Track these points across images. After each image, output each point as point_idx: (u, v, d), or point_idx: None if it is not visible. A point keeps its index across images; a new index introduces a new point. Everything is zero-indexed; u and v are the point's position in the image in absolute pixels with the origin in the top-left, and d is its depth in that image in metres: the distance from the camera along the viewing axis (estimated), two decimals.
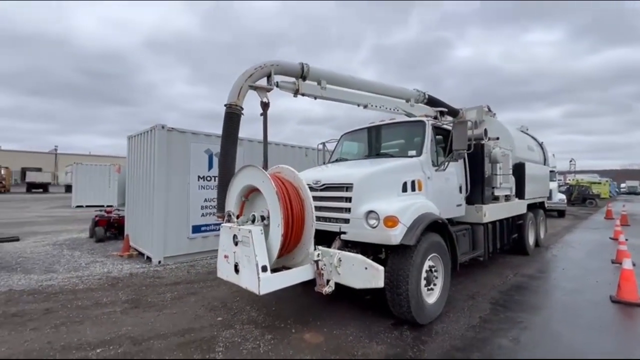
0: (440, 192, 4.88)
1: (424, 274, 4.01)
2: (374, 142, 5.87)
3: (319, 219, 4.37)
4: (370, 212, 3.88)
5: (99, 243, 8.93)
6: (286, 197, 3.56)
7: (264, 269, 3.33)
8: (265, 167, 4.70)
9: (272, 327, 3.94)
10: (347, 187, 4.15)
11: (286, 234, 3.48)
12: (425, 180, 4.65)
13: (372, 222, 3.86)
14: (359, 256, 3.64)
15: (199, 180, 7.41)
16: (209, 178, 7.56)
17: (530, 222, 8.13)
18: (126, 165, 8.91)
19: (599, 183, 36.78)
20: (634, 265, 6.57)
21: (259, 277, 3.26)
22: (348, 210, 4.10)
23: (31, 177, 39.05)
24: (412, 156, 4.85)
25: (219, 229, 3.88)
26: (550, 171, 17.86)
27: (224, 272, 3.81)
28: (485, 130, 6.00)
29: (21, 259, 7.15)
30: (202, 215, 7.46)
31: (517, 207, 7.32)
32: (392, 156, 5.16)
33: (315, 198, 4.41)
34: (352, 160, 5.62)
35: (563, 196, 17.13)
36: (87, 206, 19.12)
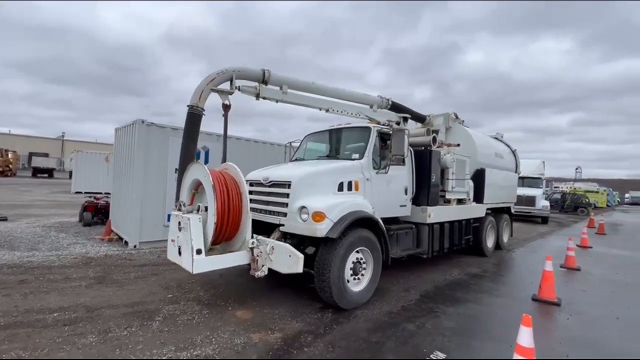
0: (380, 192, 5.34)
1: (350, 265, 4.50)
2: (333, 143, 6.34)
3: (265, 211, 4.90)
4: (303, 207, 4.37)
5: (86, 227, 9.55)
6: (224, 191, 4.07)
7: (199, 251, 3.86)
8: (224, 162, 5.22)
9: (213, 304, 4.46)
10: (288, 185, 4.63)
11: (220, 222, 4.00)
12: (364, 181, 5.12)
13: (304, 216, 4.35)
14: (286, 245, 4.15)
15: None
16: None
17: (490, 226, 8.53)
18: (113, 155, 9.49)
19: (597, 192, 36.77)
20: (563, 267, 7.09)
21: (192, 259, 3.79)
22: (286, 205, 4.59)
23: (37, 162, 40.22)
24: (354, 159, 5.32)
25: None
26: (536, 178, 18.23)
27: (171, 253, 4.37)
28: (434, 138, 6.44)
29: (10, 238, 7.77)
30: None
31: (472, 210, 7.73)
32: (339, 158, 5.63)
33: (263, 193, 4.97)
34: (308, 160, 6.08)
35: (547, 203, 17.44)
36: (85, 193, 19.86)
